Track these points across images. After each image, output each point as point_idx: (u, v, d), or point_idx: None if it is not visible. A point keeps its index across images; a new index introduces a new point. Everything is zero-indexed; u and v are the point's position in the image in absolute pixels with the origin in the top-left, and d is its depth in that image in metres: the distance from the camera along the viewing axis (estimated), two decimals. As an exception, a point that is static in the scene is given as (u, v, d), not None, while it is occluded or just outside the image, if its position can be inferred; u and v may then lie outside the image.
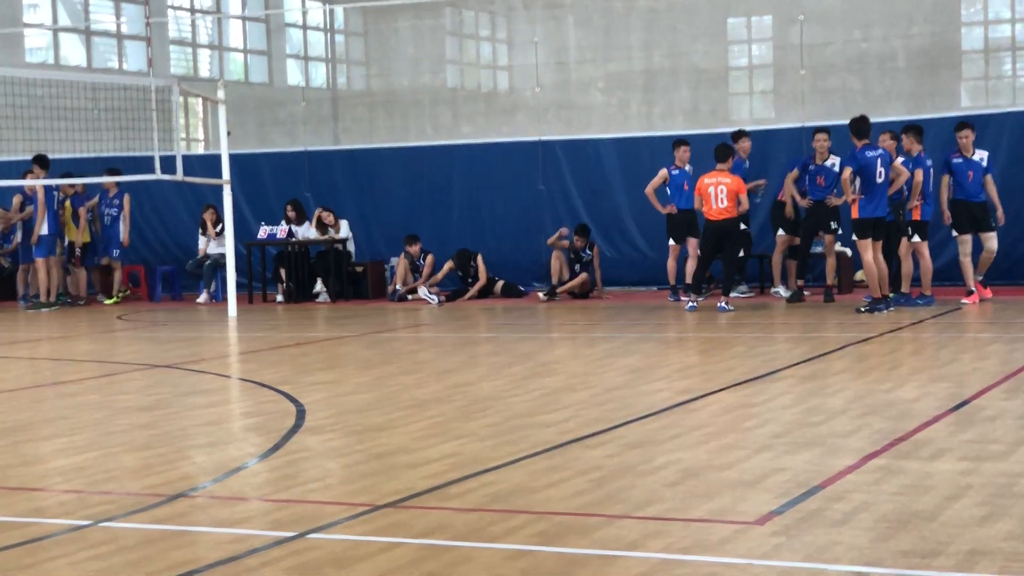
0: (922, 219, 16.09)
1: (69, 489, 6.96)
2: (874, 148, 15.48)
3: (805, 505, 5.98)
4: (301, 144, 24.91)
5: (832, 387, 9.74)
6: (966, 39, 26.35)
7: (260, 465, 7.45)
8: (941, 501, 5.98)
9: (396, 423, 8.69)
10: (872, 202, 15.38)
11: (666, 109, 26.79)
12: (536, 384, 10.36)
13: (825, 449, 7.30)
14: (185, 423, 9.04)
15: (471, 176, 21.39)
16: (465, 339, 14.31)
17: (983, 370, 10.33)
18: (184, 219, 22.88)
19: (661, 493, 6.36)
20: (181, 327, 17.30)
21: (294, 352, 13.63)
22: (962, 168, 16.33)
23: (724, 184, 16.25)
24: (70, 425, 9.11)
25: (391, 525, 5.90)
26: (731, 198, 16.20)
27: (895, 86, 24.87)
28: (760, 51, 28.17)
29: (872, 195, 15.35)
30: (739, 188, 16.30)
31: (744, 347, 12.92)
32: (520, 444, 7.75)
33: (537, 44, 25.01)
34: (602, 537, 5.59)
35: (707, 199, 16.35)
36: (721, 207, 16.25)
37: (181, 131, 21.00)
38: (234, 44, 30.43)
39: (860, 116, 15.90)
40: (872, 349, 12.18)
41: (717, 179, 16.34)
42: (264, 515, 6.23)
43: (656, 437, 7.88)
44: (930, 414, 8.33)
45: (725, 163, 16.40)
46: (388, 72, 29.60)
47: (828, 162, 17.12)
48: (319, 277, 20.78)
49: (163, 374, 11.97)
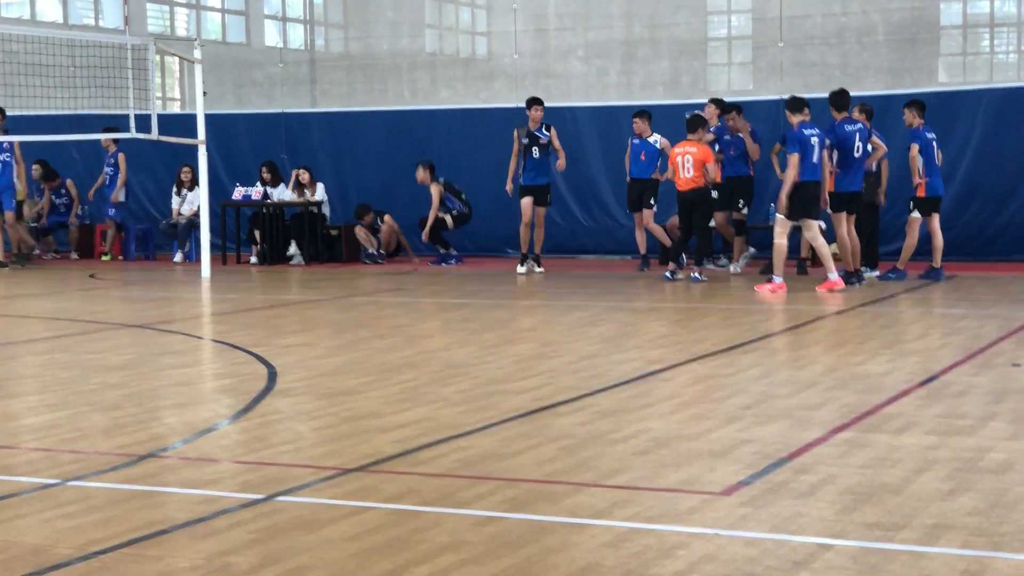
0: (928, 195, 15.95)
1: (38, 447, 6.95)
2: (852, 122, 15.48)
3: (772, 476, 6.02)
4: (278, 106, 24.84)
5: (802, 360, 9.79)
6: (945, 14, 26.38)
7: (231, 427, 7.46)
8: (907, 475, 6.03)
9: (368, 387, 8.70)
10: (848, 176, 15.38)
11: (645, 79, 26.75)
12: (509, 351, 10.38)
13: (793, 421, 7.34)
14: (156, 383, 9.03)
15: (449, 141, 21.36)
16: (439, 304, 14.32)
17: (953, 345, 10.39)
18: (159, 178, 22.81)
19: (630, 462, 6.40)
20: (154, 287, 17.26)
21: (267, 314, 13.61)
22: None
23: (690, 153, 16.22)
24: (40, 383, 9.09)
25: (360, 489, 5.92)
26: (697, 167, 16.16)
27: (873, 60, 24.89)
28: (739, 23, 28.16)
29: (848, 169, 15.36)
30: (705, 157, 16.20)
31: (716, 318, 12.96)
32: (491, 411, 7.77)
33: (516, 11, 24.94)
34: (571, 505, 5.62)
35: (676, 169, 16.35)
36: (687, 176, 16.23)
37: (157, 90, 20.89)
38: (212, 3, 30.23)
39: (840, 89, 15.91)
40: (843, 323, 12.24)
41: (684, 149, 16.32)
42: (233, 477, 6.24)
43: (627, 406, 7.91)
44: (899, 388, 8.38)
45: (694, 133, 16.35)
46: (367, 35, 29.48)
47: None
48: (293, 239, 20.75)
49: (135, 334, 11.94)
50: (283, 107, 24.16)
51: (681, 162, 16.27)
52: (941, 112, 18.53)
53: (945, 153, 18.58)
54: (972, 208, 18.62)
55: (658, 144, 17.73)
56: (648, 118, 17.96)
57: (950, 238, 18.68)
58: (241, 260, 20.86)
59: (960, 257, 18.53)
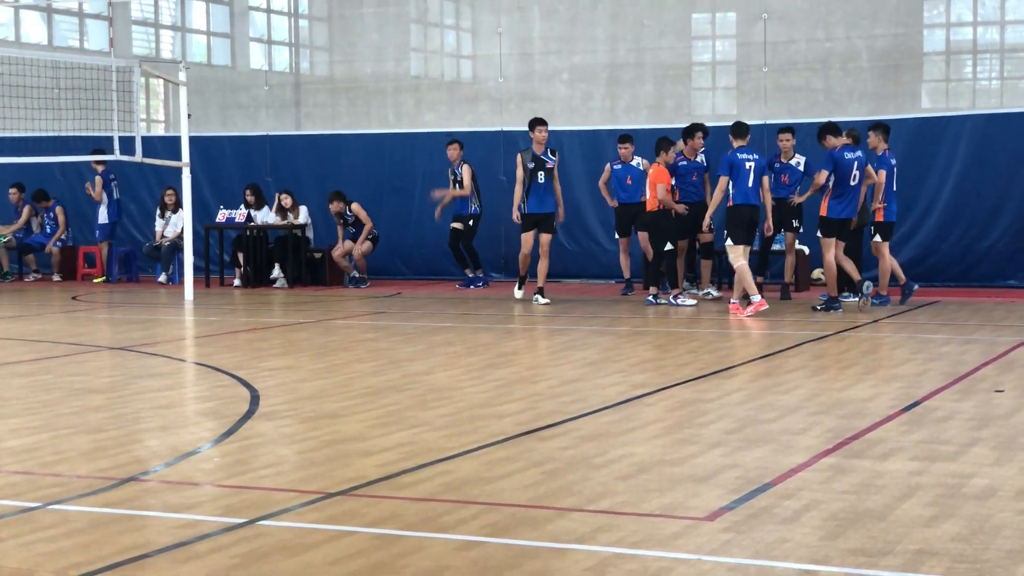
0: (885, 220, 16.08)
1: (19, 470, 6.91)
2: (853, 149, 15.49)
3: (756, 502, 6.01)
4: (263, 128, 24.80)
5: (786, 384, 9.79)
6: (928, 41, 26.45)
7: (213, 450, 7.43)
8: (890, 501, 6.02)
9: (350, 411, 8.67)
10: (842, 203, 15.40)
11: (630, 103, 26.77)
12: (493, 375, 10.36)
13: (777, 446, 7.33)
14: (138, 406, 9.00)
15: (433, 164, 21.37)
16: (422, 328, 14.30)
17: (936, 371, 10.41)
18: (143, 201, 22.80)
19: (613, 487, 6.38)
20: (137, 309, 17.21)
21: (250, 337, 13.57)
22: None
23: (649, 175, 16.47)
24: (22, 406, 9.04)
25: (342, 513, 5.89)
26: (652, 187, 16.25)
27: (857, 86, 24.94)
28: (724, 48, 28.19)
29: (844, 196, 15.36)
30: (657, 178, 16.22)
31: (700, 343, 12.96)
32: (474, 435, 7.75)
33: (501, 34, 24.97)
34: (553, 529, 5.60)
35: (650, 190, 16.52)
36: (646, 198, 16.47)
37: (142, 112, 20.88)
38: (197, 26, 30.22)
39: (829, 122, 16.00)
40: (827, 347, 12.25)
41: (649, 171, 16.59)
42: (215, 500, 6.21)
43: (610, 431, 7.90)
44: (882, 414, 8.39)
45: (659, 156, 16.40)
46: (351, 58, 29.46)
47: (793, 161, 17.13)
48: (277, 262, 20.72)
49: (117, 356, 11.90)
50: (268, 130, 24.15)
51: (647, 184, 16.51)
52: (925, 137, 18.63)
53: (928, 178, 18.68)
54: (955, 233, 18.67)
55: (641, 167, 17.76)
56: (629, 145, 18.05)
57: (934, 262, 18.76)
58: (224, 283, 20.83)
59: (943, 282, 18.58)
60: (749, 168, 15.33)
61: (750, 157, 15.41)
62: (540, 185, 17.02)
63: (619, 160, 17.94)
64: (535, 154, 17.09)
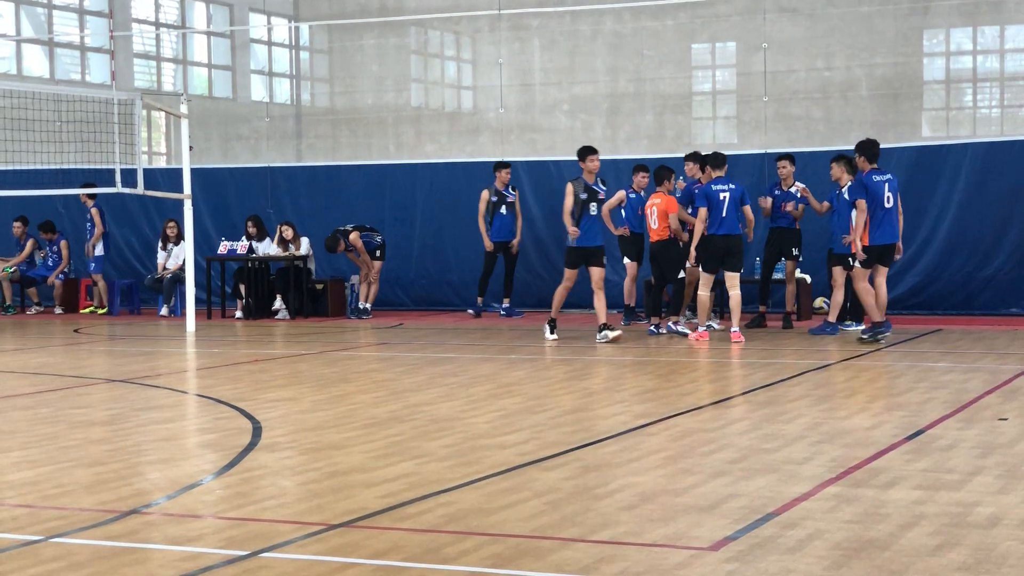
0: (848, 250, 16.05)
1: (21, 503, 6.90)
2: (882, 173, 15.14)
3: (760, 531, 5.99)
4: (264, 160, 24.87)
5: (789, 414, 9.78)
6: (928, 69, 26.55)
7: (215, 482, 7.41)
8: (895, 530, 6.00)
9: (353, 442, 8.66)
10: (879, 228, 14.92)
11: (631, 133, 26.86)
12: (495, 405, 10.35)
13: (780, 475, 7.31)
14: (140, 439, 8.98)
15: (433, 195, 21.42)
16: (425, 359, 14.29)
17: (939, 399, 10.39)
18: (144, 233, 22.84)
19: (616, 517, 6.36)
20: (139, 341, 17.20)
21: (252, 368, 13.56)
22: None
23: (655, 205, 16.38)
24: (24, 439, 9.03)
25: (345, 545, 5.88)
26: (662, 218, 16.26)
27: (857, 115, 25.02)
28: (723, 77, 28.30)
29: (879, 221, 14.88)
30: (668, 207, 16.26)
31: (702, 372, 12.95)
32: (477, 465, 7.74)
33: (502, 65, 25.04)
34: (557, 560, 5.58)
35: (647, 221, 16.55)
36: (654, 228, 16.42)
37: (143, 145, 20.92)
38: (198, 59, 30.34)
39: (869, 139, 15.43)
40: (829, 376, 12.24)
41: (652, 201, 16.53)
42: (217, 533, 6.19)
43: (613, 460, 7.88)
44: (886, 442, 8.37)
45: (660, 186, 16.46)
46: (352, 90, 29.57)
47: (792, 188, 17.13)
48: (279, 294, 20.71)
49: (119, 388, 11.89)
50: (269, 161, 24.20)
51: (649, 214, 16.47)
52: (925, 166, 18.65)
53: (929, 207, 18.71)
54: (956, 261, 18.68)
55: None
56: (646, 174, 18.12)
57: (935, 290, 18.75)
58: (226, 314, 20.83)
59: (945, 310, 18.58)
60: (724, 199, 15.49)
61: (725, 188, 15.54)
62: (592, 217, 15.69)
63: (633, 188, 17.93)
64: (587, 184, 15.73)
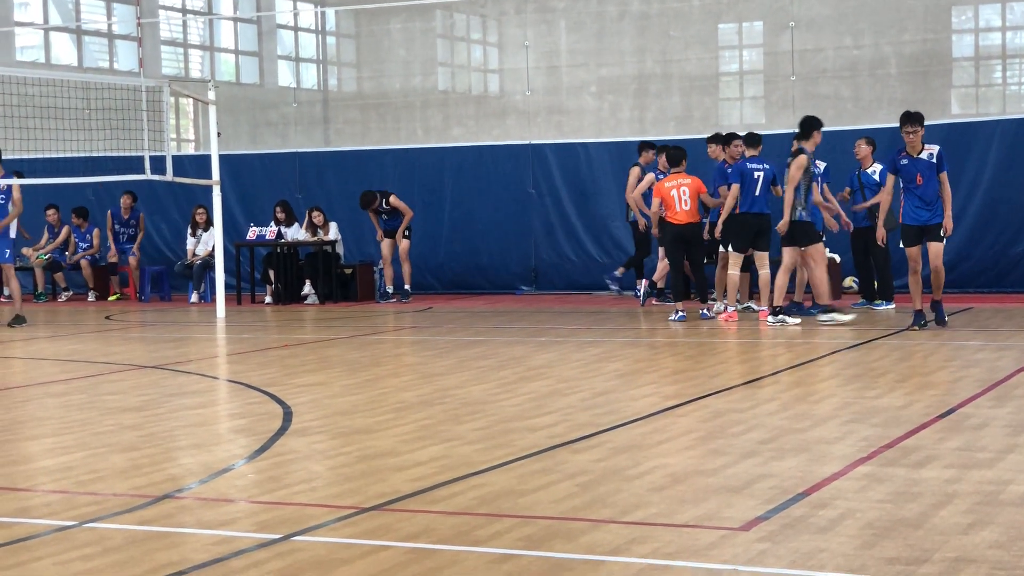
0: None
1: (56, 489, 6.95)
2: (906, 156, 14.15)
3: (791, 511, 5.98)
4: (292, 145, 24.91)
5: (819, 394, 9.75)
6: (956, 47, 26.38)
7: (247, 467, 7.44)
8: (927, 508, 5.99)
9: (383, 426, 8.68)
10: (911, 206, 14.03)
11: (658, 114, 26.78)
12: (525, 388, 10.36)
13: (811, 455, 7.30)
14: (172, 424, 9.03)
15: (461, 179, 21.43)
16: (454, 342, 14.31)
17: (970, 378, 10.34)
18: (174, 220, 22.93)
19: (647, 498, 6.37)
20: (169, 328, 17.28)
21: (282, 354, 13.61)
22: None
23: (685, 185, 15.73)
24: (57, 425, 9.09)
25: (376, 528, 5.90)
26: (694, 199, 15.79)
27: (886, 93, 24.89)
28: (751, 57, 28.18)
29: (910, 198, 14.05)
30: (700, 188, 15.91)
31: (731, 352, 12.93)
32: (508, 448, 7.75)
33: (528, 48, 25.01)
34: (588, 542, 5.59)
35: (670, 203, 15.78)
36: (686, 209, 15.75)
37: (171, 132, 20.99)
38: (225, 45, 30.38)
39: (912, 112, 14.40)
40: (859, 356, 12.20)
41: (677, 181, 15.79)
42: (249, 517, 6.22)
43: (643, 442, 7.88)
44: (917, 421, 8.34)
45: (679, 166, 15.98)
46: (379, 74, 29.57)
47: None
48: (308, 279, 20.77)
49: (151, 375, 11.95)
50: (297, 147, 24.24)
51: (677, 195, 15.72)
52: (955, 144, 18.54)
53: (959, 184, 18.57)
54: (987, 239, 18.58)
55: None
56: None
57: (966, 268, 18.65)
58: (256, 300, 20.90)
59: (975, 289, 18.49)
60: (758, 178, 15.37)
61: (760, 167, 15.40)
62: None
63: (660, 170, 17.83)
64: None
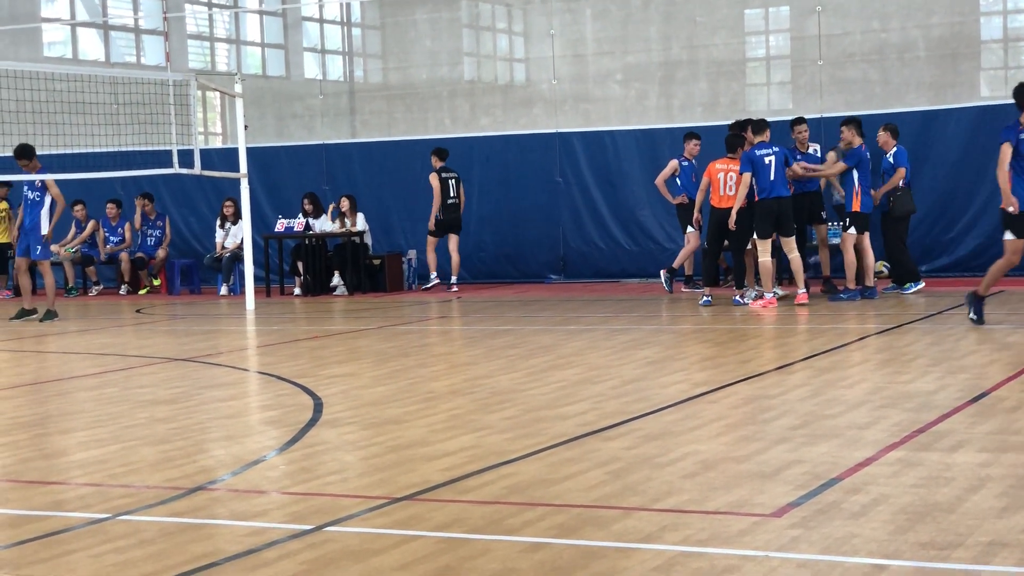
0: (863, 210, 15.95)
1: (89, 482, 6.98)
2: None
3: (823, 497, 5.97)
4: (319, 137, 24.96)
5: (850, 379, 9.72)
6: (985, 29, 26.22)
7: (278, 458, 7.47)
8: (960, 493, 5.96)
9: (413, 416, 8.69)
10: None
11: (685, 101, 26.72)
12: (554, 376, 10.36)
13: (843, 441, 7.28)
14: (204, 416, 9.06)
15: (489, 168, 21.42)
16: (483, 331, 14.32)
17: (1002, 361, 10.29)
18: (202, 213, 23.00)
19: (679, 485, 6.36)
20: (199, 320, 17.34)
21: (312, 345, 13.64)
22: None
23: (733, 171, 15.87)
24: (90, 419, 9.14)
25: (408, 518, 5.91)
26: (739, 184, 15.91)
27: (914, 76, 24.76)
28: (778, 42, 28.08)
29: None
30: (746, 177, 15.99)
31: (761, 339, 12.89)
32: (538, 436, 7.75)
33: (554, 36, 24.98)
34: (619, 529, 5.59)
35: (716, 185, 16.02)
36: (729, 194, 15.89)
37: (199, 125, 21.06)
38: (251, 38, 30.46)
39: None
40: (890, 341, 12.15)
41: (728, 166, 16.02)
42: (282, 508, 6.24)
43: (674, 429, 7.87)
44: (949, 405, 8.30)
45: (735, 152, 16.04)
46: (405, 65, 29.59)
47: (810, 150, 16.87)
48: (336, 270, 20.81)
49: (182, 367, 12.00)
50: (324, 138, 24.29)
51: (723, 179, 15.96)
52: (984, 126, 18.40)
53: (990, 167, 18.40)
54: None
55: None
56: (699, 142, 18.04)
57: (998, 252, 18.48)
58: (285, 292, 20.96)
59: (1008, 272, 18.34)
60: (769, 163, 15.35)
61: (769, 152, 15.39)
62: None
63: (685, 156, 17.87)
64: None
